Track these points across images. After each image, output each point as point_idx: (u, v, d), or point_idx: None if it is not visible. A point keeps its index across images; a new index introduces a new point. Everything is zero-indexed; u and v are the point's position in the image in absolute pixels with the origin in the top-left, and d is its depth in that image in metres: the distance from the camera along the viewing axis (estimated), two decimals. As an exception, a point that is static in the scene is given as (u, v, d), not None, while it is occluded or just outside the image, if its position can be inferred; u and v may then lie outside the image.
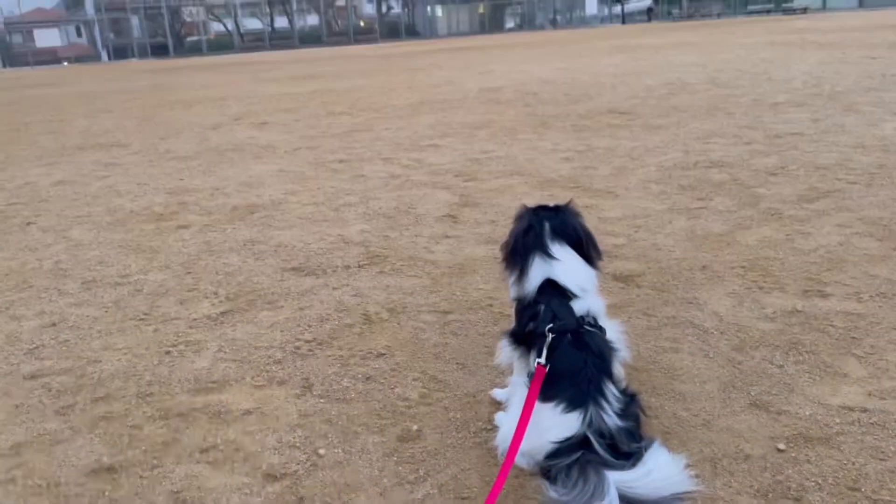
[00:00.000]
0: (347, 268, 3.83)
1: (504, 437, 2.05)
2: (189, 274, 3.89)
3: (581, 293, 2.16)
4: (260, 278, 3.75)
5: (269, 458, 2.18)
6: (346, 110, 10.77)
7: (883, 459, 2.02)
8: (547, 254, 2.17)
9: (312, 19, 59.85)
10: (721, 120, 7.52)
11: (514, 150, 6.74)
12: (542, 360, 2.03)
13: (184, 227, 4.85)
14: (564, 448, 1.95)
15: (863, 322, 2.83)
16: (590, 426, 1.95)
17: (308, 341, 2.97)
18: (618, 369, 2.17)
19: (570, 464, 1.92)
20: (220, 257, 4.14)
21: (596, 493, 1.82)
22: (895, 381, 2.40)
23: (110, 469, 2.18)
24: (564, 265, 2.17)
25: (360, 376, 2.66)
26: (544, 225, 2.22)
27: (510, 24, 61.13)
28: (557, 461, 1.94)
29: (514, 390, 2.22)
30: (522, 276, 2.19)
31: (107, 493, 2.07)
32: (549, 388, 2.01)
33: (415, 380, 2.60)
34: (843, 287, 3.17)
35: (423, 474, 2.07)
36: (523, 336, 2.18)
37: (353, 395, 2.52)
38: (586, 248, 2.26)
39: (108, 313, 3.42)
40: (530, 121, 8.47)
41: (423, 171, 6.15)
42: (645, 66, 14.21)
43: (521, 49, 24.73)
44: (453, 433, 2.26)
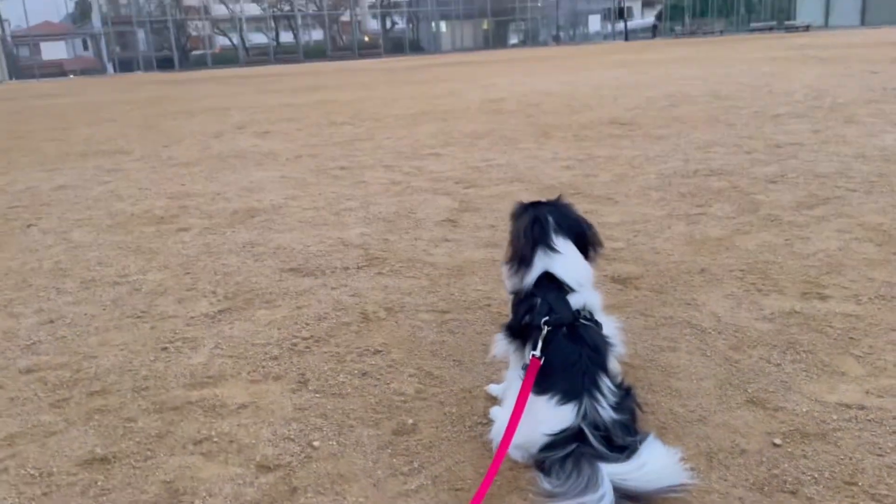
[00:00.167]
0: (346, 269, 3.83)
1: (499, 431, 2.04)
2: (188, 274, 3.89)
3: (578, 287, 2.16)
4: (258, 278, 3.75)
5: (263, 450, 2.17)
6: (349, 120, 10.82)
7: (881, 455, 2.00)
8: (550, 247, 2.17)
9: (317, 34, 60.30)
10: (722, 130, 7.54)
11: (514, 159, 6.76)
12: (537, 352, 2.03)
13: (184, 229, 4.86)
14: (559, 440, 1.94)
15: (861, 323, 2.82)
16: (584, 418, 1.94)
17: (305, 338, 2.97)
18: (614, 364, 2.17)
19: (565, 456, 1.91)
20: (219, 258, 4.14)
21: (590, 485, 1.82)
22: (893, 379, 2.39)
23: (103, 459, 2.17)
24: (564, 259, 2.17)
25: (356, 372, 2.65)
26: (548, 219, 2.22)
27: (514, 40, 61.53)
28: (551, 453, 1.94)
29: (510, 384, 2.22)
30: (525, 268, 2.18)
31: (99, 483, 2.06)
32: (543, 380, 2.00)
33: (411, 376, 2.60)
34: (841, 290, 3.16)
35: (417, 466, 2.06)
36: (519, 329, 2.17)
37: (349, 390, 2.52)
38: (588, 241, 2.26)
39: (105, 311, 3.42)
40: (531, 130, 8.49)
41: (424, 177, 6.16)
42: (646, 80, 14.28)
43: (524, 63, 24.87)
44: (448, 427, 2.25)
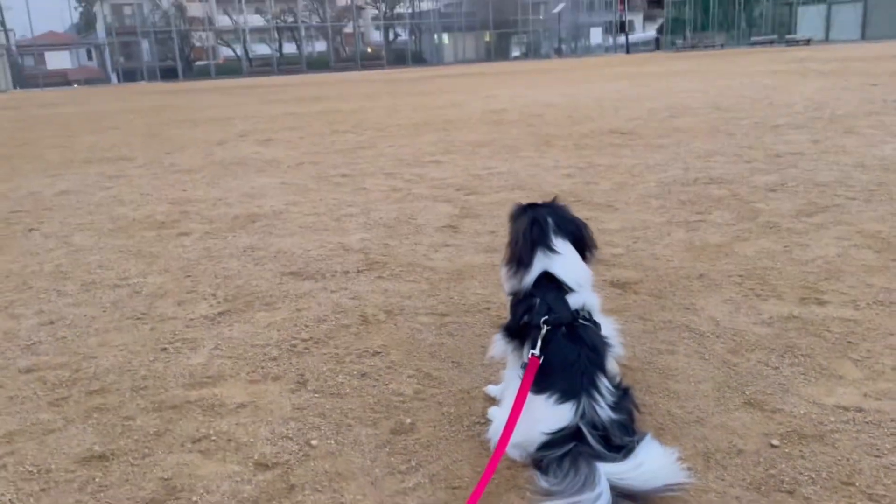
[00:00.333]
0: (346, 273, 3.85)
1: (497, 430, 2.04)
2: (188, 277, 3.90)
3: (577, 288, 2.16)
4: (258, 282, 3.76)
5: (261, 448, 2.18)
6: (351, 129, 10.86)
7: (878, 456, 2.00)
8: (550, 248, 2.18)
9: (320, 45, 60.69)
10: (722, 140, 7.57)
11: (515, 167, 6.78)
12: (536, 351, 2.03)
13: (185, 234, 4.88)
14: (557, 439, 1.94)
15: (859, 328, 2.83)
16: (582, 418, 1.95)
17: (304, 340, 2.98)
18: (612, 364, 2.17)
19: (562, 455, 1.92)
20: (219, 262, 4.15)
21: (587, 484, 1.82)
22: (891, 382, 2.39)
23: (101, 457, 2.17)
24: (563, 259, 2.18)
25: (355, 373, 2.65)
26: (548, 220, 2.23)
27: (516, 52, 61.89)
28: (549, 452, 1.94)
29: (508, 384, 2.22)
30: (524, 269, 2.19)
31: (97, 480, 2.06)
32: (542, 379, 2.01)
33: (409, 376, 2.60)
34: (840, 295, 3.17)
35: (414, 465, 2.06)
36: (518, 329, 2.18)
37: (348, 391, 2.52)
38: (585, 242, 2.27)
39: (105, 313, 3.43)
40: (533, 140, 8.53)
41: (425, 185, 6.18)
42: (647, 92, 14.34)
43: (526, 75, 24.98)
44: (446, 427, 2.25)
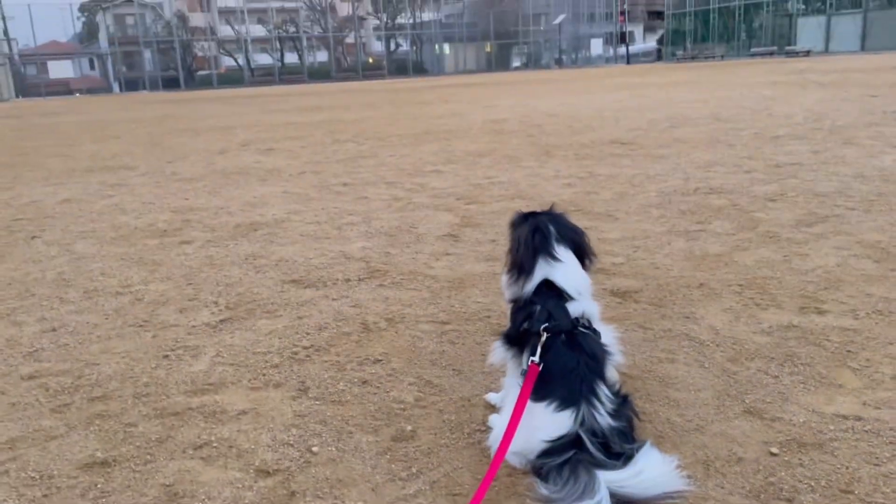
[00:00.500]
0: (347, 281, 3.86)
1: (497, 437, 2.05)
2: (190, 285, 3.92)
3: (577, 296, 2.18)
4: (260, 289, 3.78)
5: (262, 455, 2.18)
6: (352, 138, 10.91)
7: (877, 464, 2.01)
8: (551, 255, 2.19)
9: (322, 55, 60.98)
10: (722, 151, 7.59)
11: (516, 176, 6.81)
12: (536, 358, 2.04)
13: (187, 242, 4.90)
14: (556, 446, 1.95)
15: (859, 337, 2.83)
16: (582, 425, 1.96)
17: (306, 347, 2.99)
18: (612, 372, 2.18)
19: (562, 462, 1.92)
20: (221, 270, 4.17)
21: (586, 492, 1.82)
22: (890, 392, 2.40)
23: (103, 463, 2.18)
24: (564, 267, 2.19)
25: (356, 380, 2.66)
26: (549, 227, 2.25)
27: (516, 62, 62.17)
28: (549, 459, 1.94)
29: (508, 391, 2.23)
30: (526, 276, 2.21)
31: (99, 486, 2.07)
32: (541, 387, 2.02)
33: (410, 384, 2.61)
34: (839, 304, 3.18)
35: (415, 472, 2.07)
36: (517, 337, 2.19)
37: (349, 398, 2.53)
38: (584, 250, 2.29)
39: (108, 320, 3.44)
40: (533, 150, 8.56)
41: (426, 194, 6.21)
42: (648, 102, 14.39)
43: (527, 86, 25.08)
44: (447, 434, 2.26)
